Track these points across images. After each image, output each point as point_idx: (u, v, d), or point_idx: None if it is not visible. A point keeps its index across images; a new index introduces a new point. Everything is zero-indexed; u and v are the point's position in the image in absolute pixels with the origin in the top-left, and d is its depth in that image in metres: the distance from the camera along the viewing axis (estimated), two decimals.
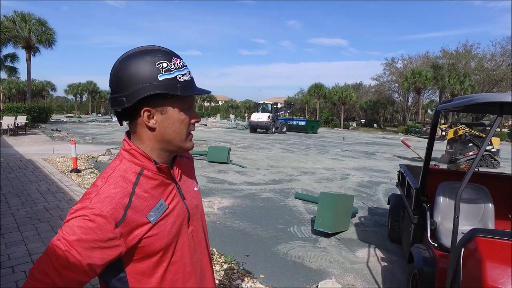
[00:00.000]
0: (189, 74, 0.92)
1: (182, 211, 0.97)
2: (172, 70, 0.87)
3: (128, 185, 0.87)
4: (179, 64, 0.89)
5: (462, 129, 11.96)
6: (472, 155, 11.62)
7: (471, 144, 11.75)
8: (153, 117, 0.89)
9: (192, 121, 0.95)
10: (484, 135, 11.62)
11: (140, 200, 0.87)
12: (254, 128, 25.28)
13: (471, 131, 11.86)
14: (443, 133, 12.38)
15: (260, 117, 25.02)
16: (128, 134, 0.95)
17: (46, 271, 0.78)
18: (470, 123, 13.41)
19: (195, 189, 1.10)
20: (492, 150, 11.54)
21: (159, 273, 0.92)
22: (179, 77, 0.88)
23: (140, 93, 0.85)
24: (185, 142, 0.95)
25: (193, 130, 0.97)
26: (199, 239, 1.06)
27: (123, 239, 0.82)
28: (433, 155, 14.10)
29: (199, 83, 0.97)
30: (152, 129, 0.90)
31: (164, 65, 0.86)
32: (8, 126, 14.74)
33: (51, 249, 0.79)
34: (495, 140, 11.86)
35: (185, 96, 0.90)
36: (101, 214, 0.79)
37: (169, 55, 0.89)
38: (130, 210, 0.84)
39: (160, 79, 0.85)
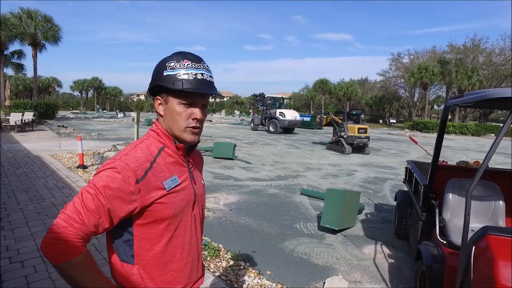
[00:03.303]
0: (196, 75, 1.00)
1: (190, 192, 1.11)
2: (175, 68, 1.00)
3: (151, 154, 1.03)
4: (185, 65, 1.00)
5: (330, 116, 14.33)
6: (334, 139, 13.45)
7: (337, 130, 13.51)
8: (162, 105, 1.07)
9: (192, 117, 1.04)
10: (340, 121, 13.32)
11: (158, 169, 1.02)
12: (290, 129, 20.91)
13: (333, 118, 13.81)
14: (318, 120, 15.06)
15: (296, 114, 21.13)
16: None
17: (78, 209, 0.92)
18: (337, 111, 15.71)
19: (202, 182, 1.24)
20: (345, 136, 12.69)
21: (163, 241, 1.04)
22: (179, 75, 0.99)
23: (151, 84, 1.06)
24: (183, 133, 1.05)
25: (194, 126, 1.05)
26: (198, 226, 1.18)
27: (140, 195, 0.97)
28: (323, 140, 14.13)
29: None
30: (161, 115, 1.08)
31: (172, 64, 1.01)
32: (15, 123, 14.88)
33: (83, 193, 0.94)
34: (352, 128, 12.66)
35: (185, 92, 1.00)
36: (127, 168, 0.96)
37: (184, 57, 1.02)
38: (150, 173, 0.99)
39: (164, 74, 1.01)
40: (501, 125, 1.97)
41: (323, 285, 3.10)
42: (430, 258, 2.58)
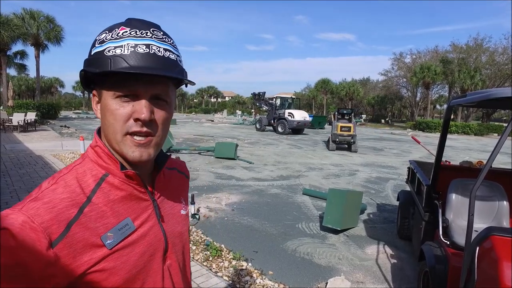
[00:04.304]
0: (136, 47, 0.62)
1: (157, 238, 0.72)
2: (105, 41, 0.64)
3: (82, 191, 0.64)
4: (120, 34, 0.63)
5: (329, 116, 16.42)
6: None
7: None
8: (99, 103, 0.69)
9: (134, 116, 0.64)
10: (333, 119, 14.53)
11: (95, 214, 0.63)
12: (299, 129, 20.43)
13: (331, 118, 15.93)
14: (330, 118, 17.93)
15: (305, 115, 20.66)
16: None
17: None
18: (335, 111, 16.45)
19: (182, 212, 0.84)
20: (331, 134, 13.52)
21: None
22: (108, 50, 0.62)
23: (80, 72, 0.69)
24: (122, 145, 0.66)
25: (138, 131, 0.65)
26: (177, 280, 0.77)
27: (60, 266, 0.57)
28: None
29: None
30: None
31: (102, 36, 0.65)
32: (18, 123, 14.96)
33: None
34: (336, 126, 13.37)
35: (119, 77, 0.63)
36: (30, 225, 0.55)
37: (122, 23, 0.66)
38: (77, 226, 0.60)
39: (92, 53, 0.65)
40: (504, 124, 1.96)
41: (326, 286, 3.09)
42: (433, 258, 2.57)
